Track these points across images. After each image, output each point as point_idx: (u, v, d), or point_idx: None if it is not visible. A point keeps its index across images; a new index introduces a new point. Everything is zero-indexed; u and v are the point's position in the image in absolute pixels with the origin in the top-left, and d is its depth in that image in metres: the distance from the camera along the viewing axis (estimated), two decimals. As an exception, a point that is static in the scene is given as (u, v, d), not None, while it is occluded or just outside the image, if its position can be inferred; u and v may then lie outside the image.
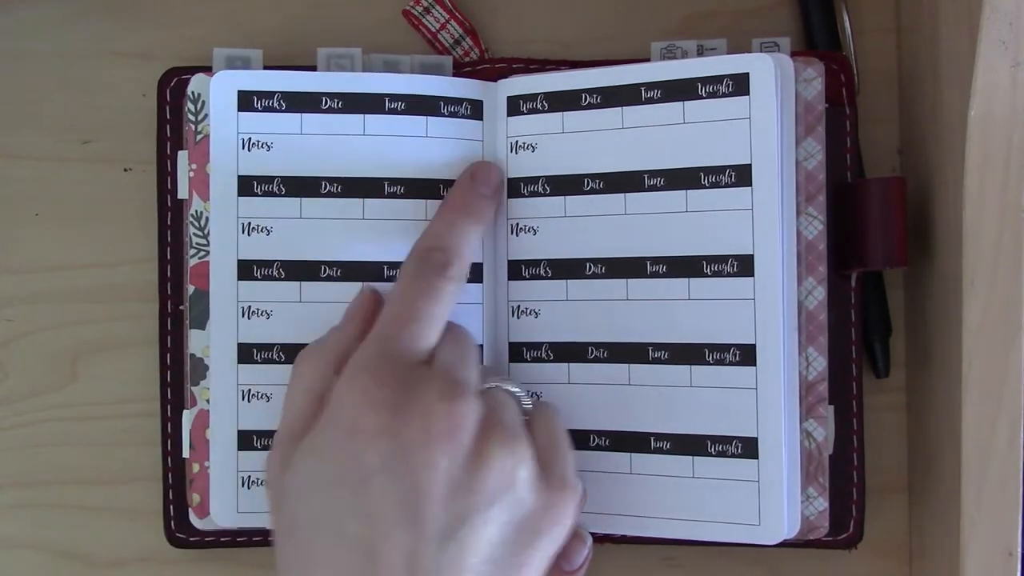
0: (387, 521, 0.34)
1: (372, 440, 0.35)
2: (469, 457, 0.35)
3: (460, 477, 0.35)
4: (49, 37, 0.46)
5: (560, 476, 0.37)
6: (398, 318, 0.38)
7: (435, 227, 0.40)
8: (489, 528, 0.35)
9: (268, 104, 0.42)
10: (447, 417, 0.35)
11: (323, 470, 0.36)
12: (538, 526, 0.36)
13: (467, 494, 0.35)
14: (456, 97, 0.43)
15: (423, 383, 0.36)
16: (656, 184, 0.41)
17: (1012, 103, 0.36)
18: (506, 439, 0.36)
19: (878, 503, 0.44)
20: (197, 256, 0.43)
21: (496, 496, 0.35)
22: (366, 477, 0.35)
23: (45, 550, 0.46)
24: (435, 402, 0.35)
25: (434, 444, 0.35)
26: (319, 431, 0.37)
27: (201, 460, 0.42)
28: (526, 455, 0.37)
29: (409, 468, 0.35)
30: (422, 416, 0.35)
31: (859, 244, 0.42)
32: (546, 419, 0.39)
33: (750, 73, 0.40)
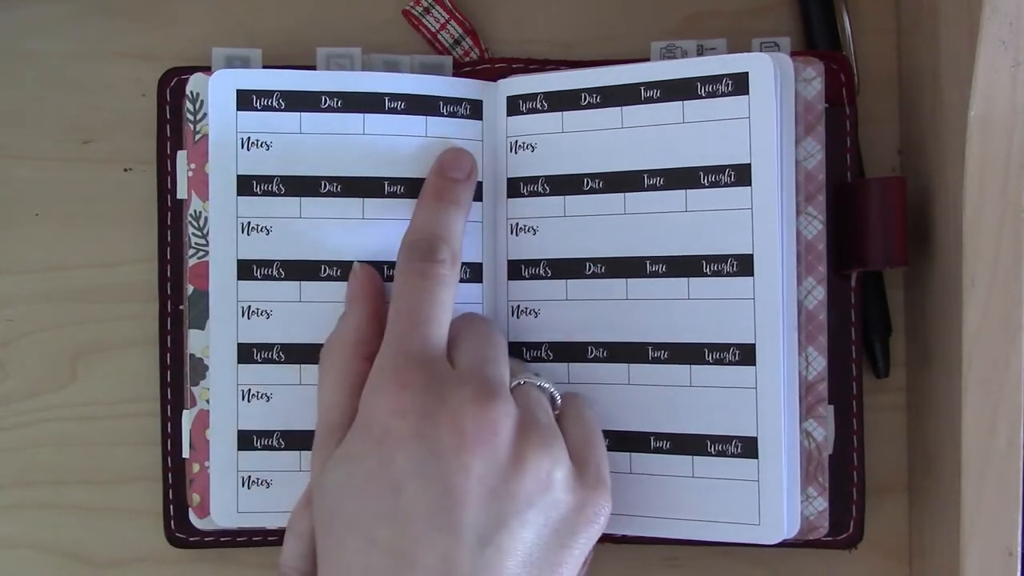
0: (421, 526, 0.34)
1: (403, 445, 0.35)
2: (505, 460, 0.35)
3: (496, 481, 0.35)
4: (49, 37, 0.46)
5: (595, 474, 0.37)
6: (405, 316, 0.38)
7: (415, 221, 0.40)
8: (526, 531, 0.35)
9: (267, 103, 0.42)
10: (481, 421, 0.35)
11: (355, 475, 0.36)
12: (575, 526, 0.36)
13: (503, 498, 0.35)
14: (456, 97, 0.43)
15: (452, 383, 0.36)
16: (656, 184, 0.41)
17: (1012, 103, 0.36)
18: (542, 441, 0.36)
19: (878, 503, 0.44)
20: (196, 256, 0.43)
21: (533, 499, 0.35)
22: (398, 483, 0.35)
23: (45, 550, 0.46)
24: (467, 404, 0.35)
25: (468, 448, 0.35)
26: (351, 436, 0.37)
27: (201, 460, 0.42)
28: (562, 456, 0.36)
29: (443, 473, 0.34)
30: (454, 420, 0.35)
31: (859, 244, 0.42)
32: (578, 413, 0.39)
33: (749, 72, 0.40)
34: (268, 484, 0.42)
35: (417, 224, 0.40)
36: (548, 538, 0.35)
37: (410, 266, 0.39)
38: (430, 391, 0.36)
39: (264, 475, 0.42)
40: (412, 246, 0.39)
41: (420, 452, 0.35)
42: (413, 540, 0.34)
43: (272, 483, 0.42)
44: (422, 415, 0.35)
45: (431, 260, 0.38)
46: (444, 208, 0.40)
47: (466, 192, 0.41)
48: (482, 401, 0.35)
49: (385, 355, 0.37)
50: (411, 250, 0.39)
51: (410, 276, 0.38)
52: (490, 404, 0.35)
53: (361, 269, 0.41)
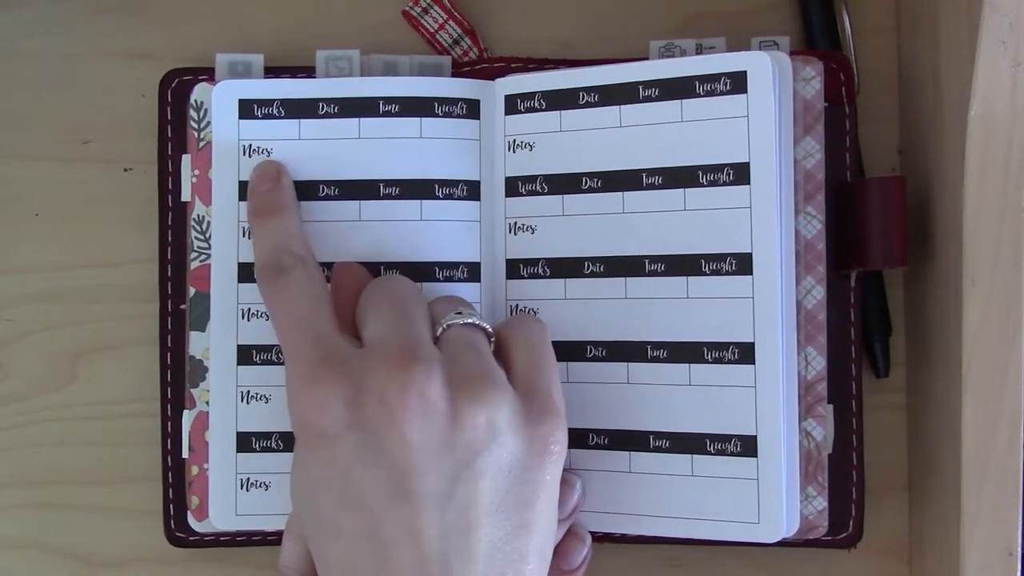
0: (379, 505, 0.34)
1: (338, 439, 0.35)
2: (440, 419, 0.35)
3: (437, 441, 0.35)
4: (49, 37, 0.46)
5: (542, 403, 0.37)
6: (289, 331, 0.37)
7: (254, 249, 0.41)
8: (482, 480, 0.35)
9: (267, 111, 0.42)
10: (404, 390, 0.35)
11: (308, 479, 0.36)
12: (530, 461, 0.36)
13: (448, 456, 0.35)
14: (451, 97, 0.43)
15: (363, 363, 0.36)
16: (654, 182, 0.41)
17: (1012, 103, 0.36)
18: (474, 391, 0.35)
19: (878, 503, 0.44)
20: (198, 259, 0.43)
21: (478, 448, 0.35)
22: (345, 473, 0.35)
23: (45, 550, 0.46)
24: (386, 379, 0.35)
25: (399, 421, 0.34)
26: (295, 446, 0.37)
27: (200, 462, 0.42)
28: (500, 399, 0.36)
29: (383, 451, 0.35)
30: (378, 397, 0.35)
31: (858, 244, 0.42)
32: (524, 338, 0.38)
33: (748, 71, 0.40)
34: (267, 486, 0.42)
35: (255, 251, 0.41)
36: (506, 480, 0.35)
37: (267, 291, 0.39)
38: (343, 377, 0.35)
39: (263, 477, 0.42)
40: (260, 274, 0.40)
41: (356, 439, 0.35)
42: (376, 521, 0.34)
43: (271, 485, 0.42)
44: (345, 405, 0.35)
45: (278, 275, 0.39)
46: (267, 221, 0.41)
47: (279, 196, 0.41)
48: (398, 370, 0.35)
49: (288, 369, 0.37)
50: (261, 278, 0.39)
51: (272, 299, 0.39)
52: (408, 371, 0.35)
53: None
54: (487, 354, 0.37)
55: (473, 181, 0.43)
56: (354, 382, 0.35)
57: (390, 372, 0.35)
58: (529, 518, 0.36)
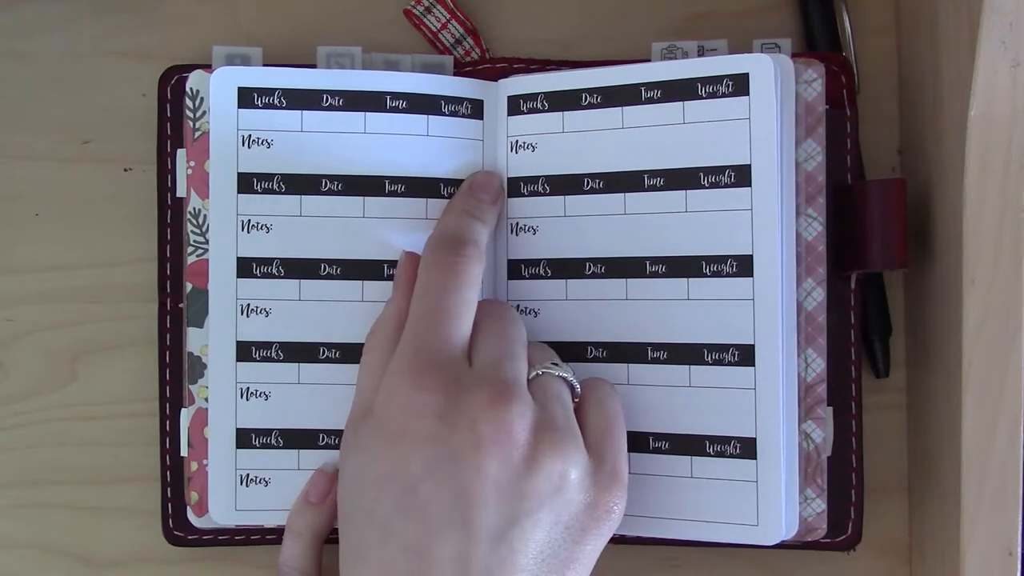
0: (436, 523, 0.35)
1: (418, 447, 0.35)
2: (519, 461, 0.35)
3: (510, 481, 0.35)
4: (49, 37, 0.46)
5: (610, 471, 0.37)
6: (428, 314, 0.38)
7: (443, 221, 0.41)
8: (539, 530, 0.35)
9: (269, 101, 0.42)
10: (496, 424, 0.35)
11: (371, 469, 0.36)
12: (587, 524, 0.36)
13: (517, 498, 0.35)
14: (457, 96, 0.43)
15: (468, 385, 0.36)
16: (656, 184, 0.41)
17: (1012, 103, 0.36)
18: (556, 442, 0.36)
19: (878, 503, 0.44)
20: (195, 254, 0.43)
21: (545, 499, 0.35)
22: (413, 482, 0.35)
23: (45, 550, 0.46)
24: (483, 408, 0.35)
25: (483, 451, 0.35)
26: (366, 429, 0.37)
27: (199, 458, 0.42)
28: (577, 456, 0.36)
29: (458, 474, 0.35)
30: (470, 422, 0.35)
31: (859, 246, 0.42)
32: (599, 402, 0.39)
33: (750, 73, 0.40)
34: (266, 482, 0.42)
35: (445, 223, 0.41)
36: (560, 535, 0.36)
37: (437, 258, 0.39)
38: (446, 393, 0.36)
39: (262, 473, 0.42)
40: (440, 239, 0.40)
41: (435, 454, 0.35)
42: (428, 537, 0.35)
43: (271, 481, 0.42)
44: (437, 418, 0.36)
45: (458, 253, 0.39)
46: (471, 219, 0.41)
47: (492, 212, 0.42)
48: (497, 404, 0.35)
49: (403, 353, 0.37)
50: (439, 242, 0.39)
51: (436, 269, 0.39)
52: (505, 407, 0.35)
53: (407, 257, 0.41)
54: (571, 410, 0.38)
55: (476, 181, 0.43)
56: (453, 399, 0.36)
57: (489, 403, 0.36)
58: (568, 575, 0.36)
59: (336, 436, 0.41)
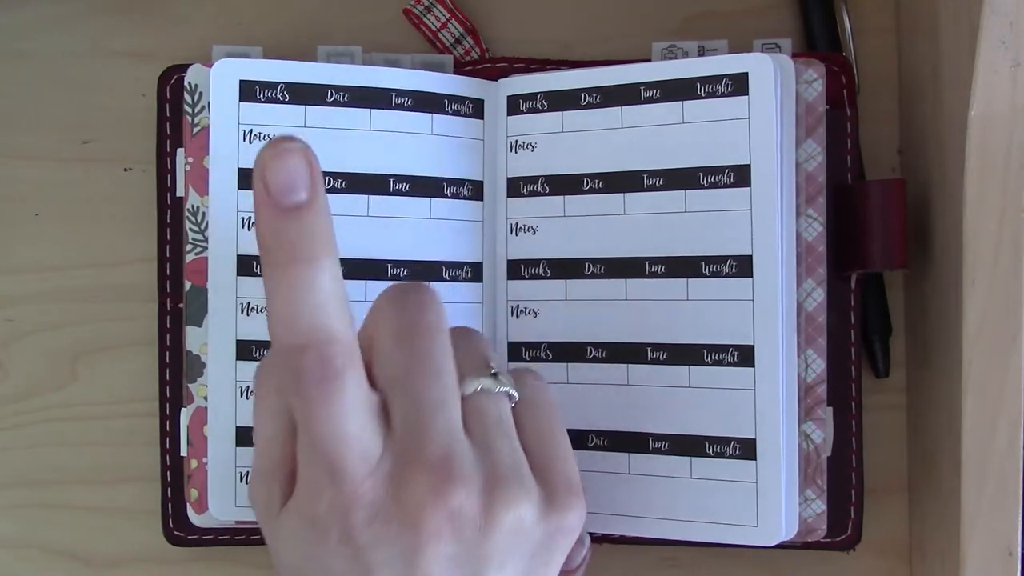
0: None
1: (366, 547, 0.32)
2: (473, 534, 0.32)
3: (466, 553, 0.32)
4: (49, 37, 0.46)
5: (564, 487, 0.34)
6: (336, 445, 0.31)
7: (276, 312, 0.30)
8: (505, 571, 0.33)
9: (271, 95, 0.41)
10: (442, 512, 0.31)
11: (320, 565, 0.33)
12: (551, 545, 0.34)
13: (476, 561, 0.33)
14: (460, 95, 0.43)
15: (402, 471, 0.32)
16: (655, 184, 0.41)
17: (1012, 103, 0.36)
18: (508, 495, 0.33)
19: (878, 503, 0.44)
20: (193, 252, 0.42)
21: (506, 549, 0.33)
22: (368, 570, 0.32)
23: (45, 550, 0.46)
24: (425, 497, 0.31)
25: (433, 538, 0.32)
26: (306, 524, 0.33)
27: (199, 456, 0.42)
28: (527, 495, 0.33)
29: (412, 564, 0.32)
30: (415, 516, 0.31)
31: (859, 246, 0.42)
32: (536, 411, 0.36)
33: (749, 73, 0.40)
34: None
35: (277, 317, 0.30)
36: (524, 562, 0.34)
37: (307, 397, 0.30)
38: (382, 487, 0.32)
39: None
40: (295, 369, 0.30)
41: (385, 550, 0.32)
42: None
43: None
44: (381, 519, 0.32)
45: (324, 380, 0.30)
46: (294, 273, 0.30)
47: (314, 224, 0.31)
48: (438, 489, 0.31)
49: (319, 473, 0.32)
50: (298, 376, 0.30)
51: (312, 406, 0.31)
52: (448, 490, 0.31)
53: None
54: (515, 437, 0.34)
55: (477, 181, 0.43)
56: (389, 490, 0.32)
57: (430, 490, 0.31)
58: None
59: None
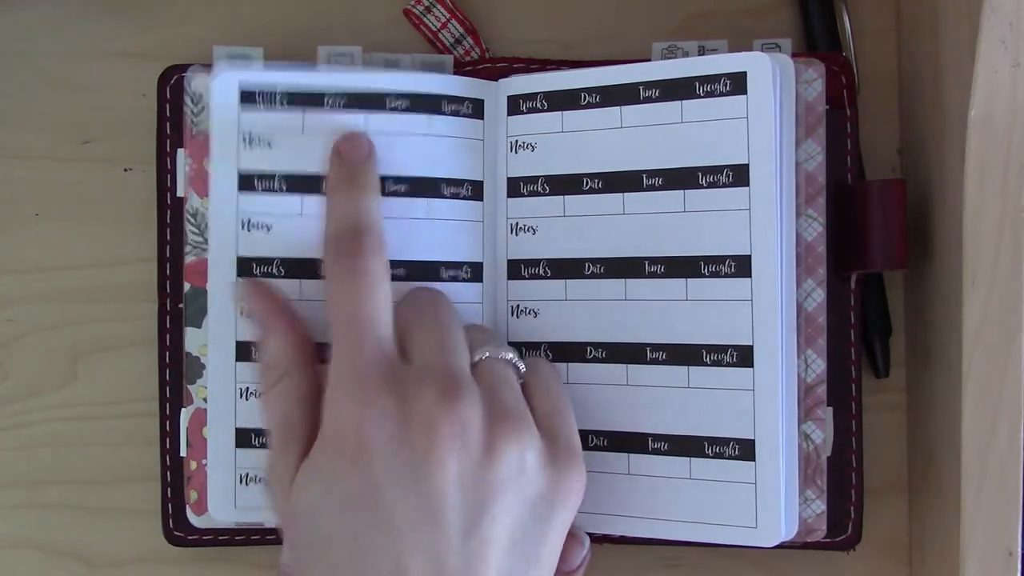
0: (406, 529, 0.35)
1: (377, 455, 0.35)
2: (477, 452, 0.35)
3: (471, 473, 0.35)
4: (49, 37, 0.46)
5: (565, 446, 0.38)
6: (348, 326, 0.37)
7: (332, 212, 0.39)
8: (506, 516, 0.36)
9: (271, 101, 0.42)
10: (450, 420, 0.35)
11: (334, 491, 0.36)
12: (552, 500, 0.37)
13: (480, 488, 0.35)
14: (458, 96, 0.43)
15: (414, 386, 0.36)
16: (654, 184, 0.41)
17: (1012, 103, 0.36)
18: (511, 427, 0.36)
19: (878, 503, 0.44)
20: (193, 254, 0.43)
21: (508, 485, 0.36)
22: (377, 491, 0.35)
23: (45, 550, 0.46)
24: (434, 404, 0.35)
25: (441, 448, 0.35)
26: (320, 453, 0.36)
27: (198, 458, 0.42)
28: (531, 439, 0.37)
29: (420, 475, 0.35)
30: (424, 421, 0.35)
31: (859, 246, 0.42)
32: (544, 382, 0.39)
33: (747, 72, 0.40)
34: None
35: (333, 214, 0.39)
36: (528, 517, 0.36)
37: (339, 266, 0.38)
38: (395, 398, 0.36)
39: (262, 472, 0.42)
40: (336, 241, 0.38)
41: (395, 460, 0.35)
42: (401, 544, 0.34)
43: None
44: (393, 423, 0.35)
45: (358, 254, 0.37)
46: (356, 195, 0.39)
47: (373, 175, 0.40)
48: (447, 399, 0.35)
49: (340, 370, 0.36)
50: (336, 245, 0.38)
51: (341, 279, 0.37)
52: (456, 401, 0.35)
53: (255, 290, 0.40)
54: (519, 392, 0.38)
55: (477, 181, 0.43)
56: (402, 401, 0.36)
57: (438, 399, 0.35)
58: (541, 553, 0.37)
59: None
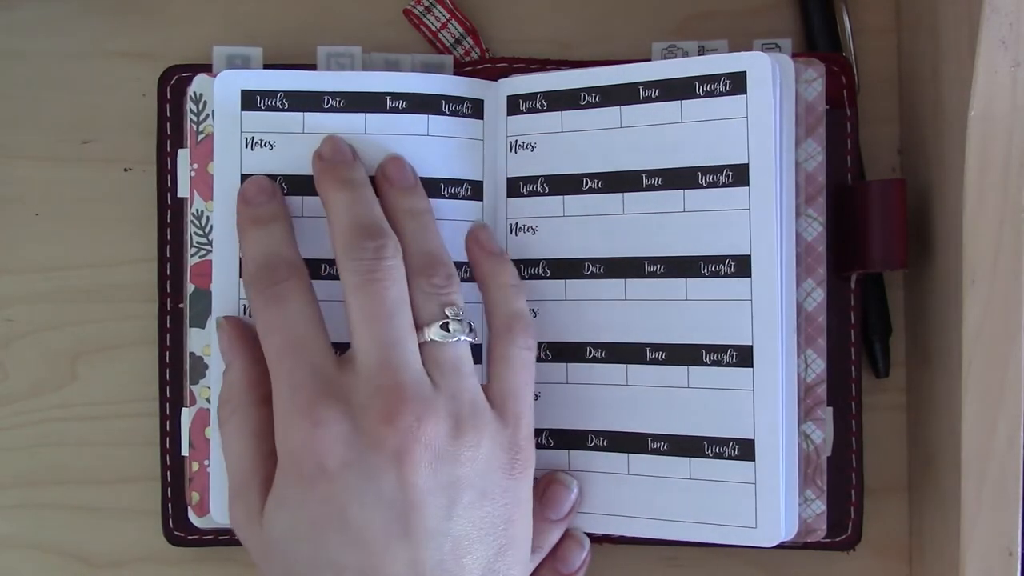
0: (380, 543, 0.35)
1: (337, 478, 0.35)
2: (434, 460, 0.36)
3: (433, 479, 0.36)
4: (49, 37, 0.46)
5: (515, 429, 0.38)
6: (282, 351, 0.37)
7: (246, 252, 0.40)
8: (474, 511, 0.36)
9: (271, 103, 0.42)
10: (400, 433, 0.35)
11: (301, 518, 0.36)
12: (510, 484, 0.38)
13: (445, 491, 0.36)
14: (457, 96, 0.43)
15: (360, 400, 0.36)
16: (654, 184, 0.41)
17: (1012, 103, 0.36)
18: (465, 427, 0.37)
19: (878, 503, 0.44)
20: (198, 255, 0.43)
21: (472, 479, 0.36)
22: (344, 512, 0.35)
23: (45, 550, 0.46)
24: (382, 422, 0.35)
25: (398, 462, 0.35)
26: (283, 481, 0.37)
27: (200, 459, 0.42)
28: (487, 428, 0.37)
29: (383, 491, 0.35)
30: (375, 440, 0.35)
31: (859, 246, 0.42)
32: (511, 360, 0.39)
33: (747, 72, 0.40)
34: None
35: (246, 257, 0.40)
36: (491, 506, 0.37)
37: (260, 301, 0.38)
38: (339, 412, 0.36)
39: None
40: (252, 281, 0.39)
41: (355, 479, 0.35)
42: (377, 558, 0.35)
43: None
44: (344, 445, 0.35)
45: (272, 283, 0.38)
46: (261, 228, 0.40)
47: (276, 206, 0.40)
48: (395, 415, 0.35)
49: (282, 395, 0.37)
50: (253, 285, 0.39)
51: (265, 311, 0.38)
52: (403, 415, 0.35)
53: (227, 322, 0.40)
54: (474, 379, 0.38)
55: (476, 181, 0.43)
56: (348, 416, 0.36)
57: (386, 415, 0.35)
58: (512, 534, 0.37)
59: None
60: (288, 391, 0.36)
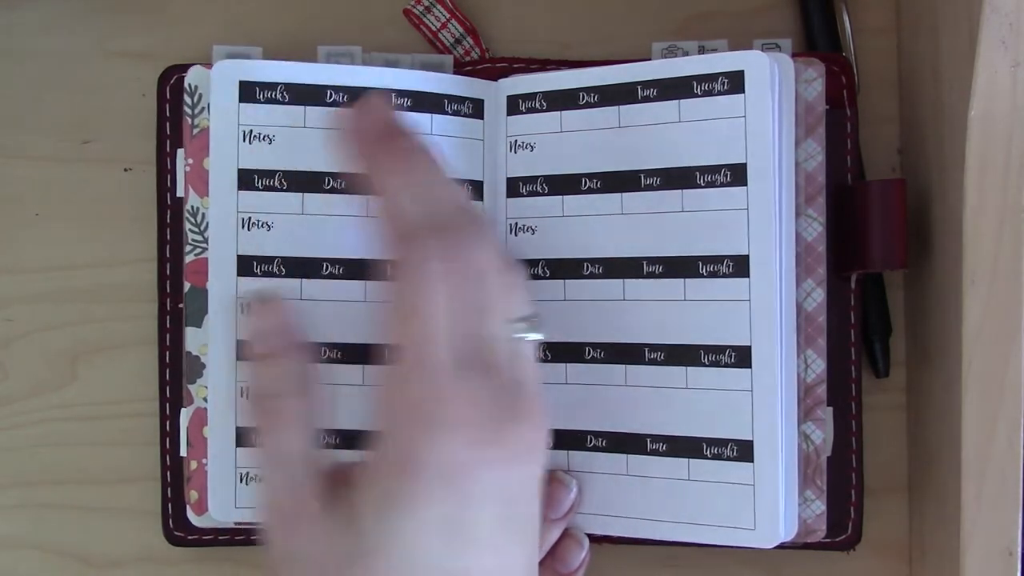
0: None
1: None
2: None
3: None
4: (49, 37, 0.46)
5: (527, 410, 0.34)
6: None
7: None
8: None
9: (271, 96, 0.41)
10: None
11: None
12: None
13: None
14: (459, 95, 0.43)
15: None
16: (652, 184, 0.41)
17: (1012, 103, 0.36)
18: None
19: (878, 503, 0.44)
20: (193, 253, 0.42)
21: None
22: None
23: (45, 550, 0.46)
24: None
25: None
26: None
27: (198, 457, 0.42)
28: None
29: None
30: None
31: (859, 246, 0.42)
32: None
33: (745, 71, 0.40)
34: None
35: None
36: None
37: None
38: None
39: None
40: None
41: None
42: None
43: None
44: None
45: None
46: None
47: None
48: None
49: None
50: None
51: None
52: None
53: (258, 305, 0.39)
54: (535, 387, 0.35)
55: (476, 181, 0.43)
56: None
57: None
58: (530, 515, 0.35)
59: (337, 436, 0.41)
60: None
